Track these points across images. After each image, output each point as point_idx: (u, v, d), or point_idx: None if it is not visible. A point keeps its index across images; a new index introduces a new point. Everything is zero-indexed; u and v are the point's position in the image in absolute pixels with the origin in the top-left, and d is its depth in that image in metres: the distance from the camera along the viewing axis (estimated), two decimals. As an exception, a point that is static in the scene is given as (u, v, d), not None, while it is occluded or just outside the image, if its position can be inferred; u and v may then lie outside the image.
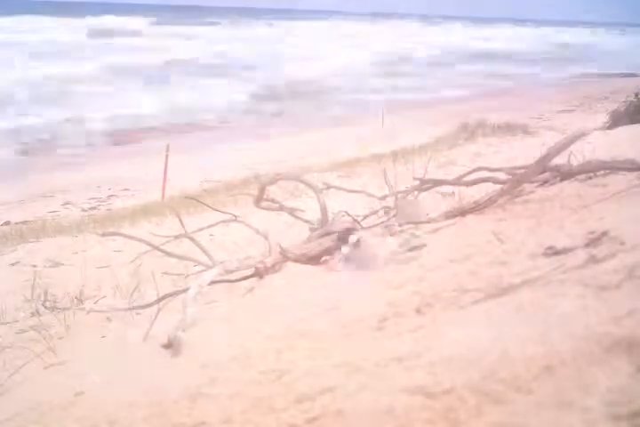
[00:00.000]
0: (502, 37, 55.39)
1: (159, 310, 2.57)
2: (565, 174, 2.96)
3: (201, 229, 3.65)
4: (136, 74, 25.78)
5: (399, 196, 3.41)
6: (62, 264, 4.57)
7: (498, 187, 2.98)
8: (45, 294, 3.39)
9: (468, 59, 37.83)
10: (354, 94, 23.84)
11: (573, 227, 1.95)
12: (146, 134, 18.09)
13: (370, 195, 3.67)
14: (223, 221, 3.97)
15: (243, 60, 32.40)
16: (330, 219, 3.19)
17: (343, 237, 2.75)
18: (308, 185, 3.50)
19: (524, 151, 6.28)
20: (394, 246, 2.58)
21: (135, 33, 43.80)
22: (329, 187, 4.11)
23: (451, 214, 2.98)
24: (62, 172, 13.18)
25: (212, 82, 25.10)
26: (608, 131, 6.79)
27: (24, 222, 8.48)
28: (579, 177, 2.89)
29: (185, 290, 2.68)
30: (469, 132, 9.58)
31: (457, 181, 3.40)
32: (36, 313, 3.20)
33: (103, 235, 4.39)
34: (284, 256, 2.81)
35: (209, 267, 2.91)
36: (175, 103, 20.39)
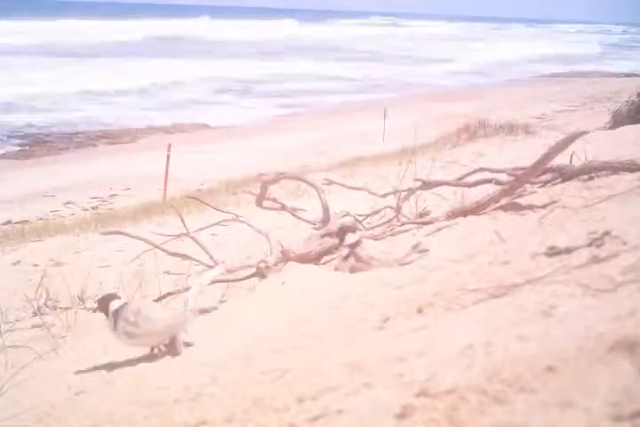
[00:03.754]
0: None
1: (160, 310, 2.57)
2: (567, 175, 2.96)
3: (202, 229, 3.65)
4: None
5: (401, 195, 3.40)
6: (64, 264, 4.57)
7: (499, 187, 2.98)
8: (47, 293, 3.40)
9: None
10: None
11: (575, 227, 1.94)
12: (147, 133, 18.13)
13: (371, 193, 3.67)
14: (225, 221, 3.97)
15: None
16: (332, 218, 3.19)
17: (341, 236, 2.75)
18: (310, 184, 3.49)
19: (525, 151, 6.28)
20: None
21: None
22: (331, 182, 4.11)
23: (452, 215, 2.98)
24: (64, 171, 13.19)
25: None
26: (610, 131, 6.78)
27: (25, 222, 8.49)
28: (580, 177, 2.89)
29: (186, 289, 2.68)
30: (471, 132, 9.58)
31: (458, 183, 3.40)
32: (38, 312, 3.20)
33: (105, 234, 4.40)
34: (286, 256, 2.81)
35: (210, 266, 2.92)
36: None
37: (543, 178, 3.06)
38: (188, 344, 2.01)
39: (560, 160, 2.95)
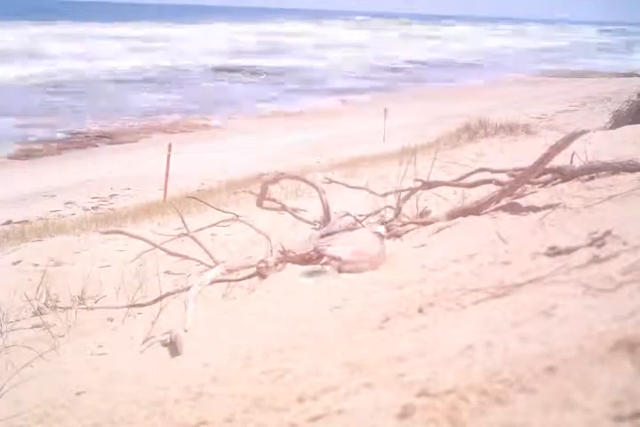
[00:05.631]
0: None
1: (161, 309, 2.58)
2: (568, 175, 2.96)
3: (202, 229, 3.65)
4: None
5: (402, 195, 3.40)
6: (64, 263, 4.57)
7: (500, 187, 2.98)
8: (47, 293, 3.39)
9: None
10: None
11: (576, 227, 1.94)
12: (147, 133, 18.14)
13: (372, 192, 3.67)
14: (225, 221, 3.97)
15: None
16: (332, 218, 3.19)
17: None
18: (311, 184, 3.49)
19: (526, 151, 6.28)
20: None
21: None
22: (331, 181, 4.11)
23: (453, 214, 2.98)
24: (64, 171, 13.20)
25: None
26: (610, 131, 6.78)
27: (25, 222, 8.49)
28: (581, 177, 2.88)
29: (186, 289, 2.68)
30: (471, 132, 9.57)
31: (458, 183, 3.40)
32: (38, 312, 3.20)
33: (105, 233, 4.40)
34: (286, 256, 2.81)
35: (211, 266, 2.92)
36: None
37: (543, 178, 3.06)
38: (188, 344, 2.01)
39: (561, 160, 2.94)
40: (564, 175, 2.97)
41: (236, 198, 6.73)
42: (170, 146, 10.06)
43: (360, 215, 3.47)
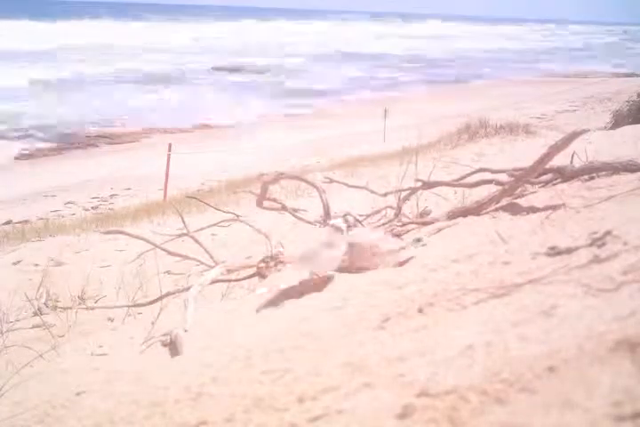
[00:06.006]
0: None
1: (161, 310, 2.58)
2: (568, 175, 2.96)
3: (202, 229, 3.65)
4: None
5: (402, 195, 3.40)
6: (64, 263, 4.57)
7: (500, 187, 2.97)
8: (47, 293, 3.40)
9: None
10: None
11: (576, 227, 1.94)
12: (147, 133, 18.14)
13: (372, 191, 3.67)
14: (225, 221, 3.97)
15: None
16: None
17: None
18: (311, 184, 3.49)
19: (526, 151, 6.28)
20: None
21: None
22: (332, 181, 4.11)
23: (453, 214, 2.97)
24: (64, 170, 13.20)
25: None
26: (611, 131, 6.78)
27: (26, 222, 8.50)
28: (581, 177, 2.88)
29: (186, 289, 2.69)
30: (472, 132, 9.57)
31: (459, 183, 3.39)
32: (38, 312, 3.20)
33: (105, 233, 4.41)
34: (286, 257, 2.80)
35: (211, 266, 2.92)
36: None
37: (543, 178, 3.05)
38: (188, 344, 2.01)
39: (561, 160, 2.94)
40: (564, 175, 2.97)
41: (236, 198, 6.74)
42: (170, 146, 10.07)
43: (360, 215, 3.47)
